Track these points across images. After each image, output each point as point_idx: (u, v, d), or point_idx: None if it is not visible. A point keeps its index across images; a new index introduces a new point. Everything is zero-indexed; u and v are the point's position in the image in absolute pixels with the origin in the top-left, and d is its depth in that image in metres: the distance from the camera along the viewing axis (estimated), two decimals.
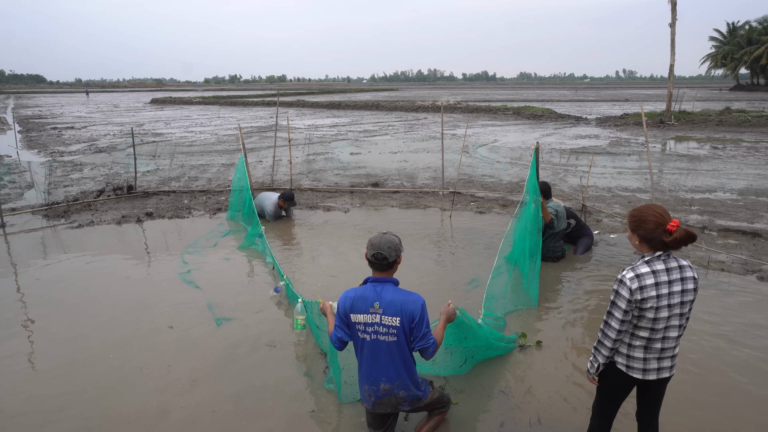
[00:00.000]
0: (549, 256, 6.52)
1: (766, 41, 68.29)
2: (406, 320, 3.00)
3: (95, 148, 18.84)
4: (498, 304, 5.25)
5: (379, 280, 3.10)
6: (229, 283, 6.09)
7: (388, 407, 3.19)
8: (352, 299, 3.08)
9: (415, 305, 3.01)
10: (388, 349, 3.05)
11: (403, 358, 3.09)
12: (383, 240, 3.08)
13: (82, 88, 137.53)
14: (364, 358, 3.14)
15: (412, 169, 13.49)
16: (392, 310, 2.99)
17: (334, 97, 64.68)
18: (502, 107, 36.60)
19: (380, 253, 3.04)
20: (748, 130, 22.76)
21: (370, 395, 3.17)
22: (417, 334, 3.03)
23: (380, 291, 3.05)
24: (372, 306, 3.02)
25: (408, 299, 3.02)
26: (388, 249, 3.05)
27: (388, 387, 3.12)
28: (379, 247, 3.05)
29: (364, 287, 3.11)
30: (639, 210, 2.66)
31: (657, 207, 2.63)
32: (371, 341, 3.06)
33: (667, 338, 2.63)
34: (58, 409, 3.77)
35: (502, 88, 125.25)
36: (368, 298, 3.04)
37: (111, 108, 48.18)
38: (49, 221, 8.74)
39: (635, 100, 51.92)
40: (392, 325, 3.00)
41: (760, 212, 8.85)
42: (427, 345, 3.05)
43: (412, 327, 3.02)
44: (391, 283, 3.10)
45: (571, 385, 4.02)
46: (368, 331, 3.05)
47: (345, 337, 3.16)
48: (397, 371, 3.10)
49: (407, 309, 3.00)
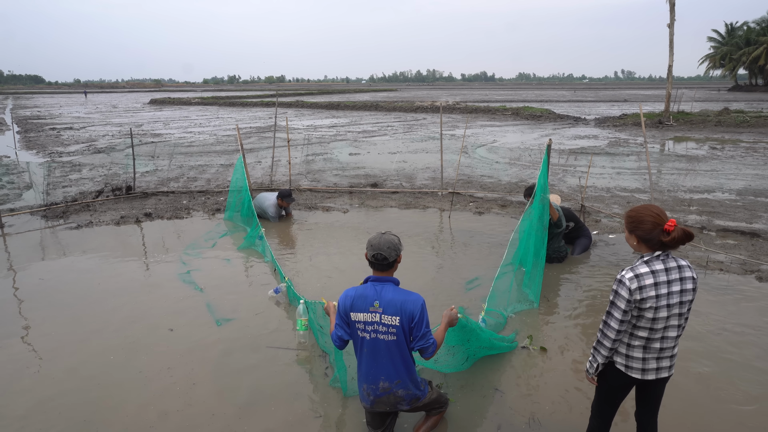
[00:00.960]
0: (554, 256, 6.49)
1: (764, 42, 68.42)
2: (406, 320, 3.02)
3: (94, 148, 18.82)
4: (501, 300, 5.27)
5: (380, 279, 3.12)
6: (228, 283, 6.09)
7: (386, 406, 3.20)
8: (353, 298, 3.10)
9: (414, 305, 3.03)
10: (387, 348, 3.07)
11: (402, 358, 3.10)
12: (383, 240, 3.10)
13: (81, 88, 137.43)
14: (364, 356, 3.15)
15: (411, 170, 13.50)
16: (392, 310, 3.01)
17: (333, 97, 64.65)
18: (501, 108, 36.63)
19: (380, 254, 3.07)
20: (746, 131, 22.80)
21: (368, 394, 3.18)
22: (416, 333, 3.05)
23: (380, 290, 3.07)
24: (372, 305, 3.04)
25: (408, 299, 3.04)
26: (387, 249, 3.08)
27: (387, 385, 3.13)
28: (378, 247, 3.08)
29: (365, 286, 3.13)
30: (636, 211, 2.66)
31: (653, 207, 2.63)
32: (371, 340, 3.08)
33: (666, 338, 2.63)
34: (57, 413, 3.76)
35: (501, 88, 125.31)
36: (368, 297, 3.06)
37: (109, 108, 48.13)
38: (47, 222, 8.73)
39: (634, 100, 51.98)
40: (392, 324, 3.02)
41: (758, 212, 8.86)
42: (426, 345, 3.07)
43: (411, 326, 3.04)
44: (392, 283, 3.12)
45: (569, 385, 4.02)
46: (368, 330, 3.06)
47: (345, 335, 3.18)
48: (396, 370, 3.11)
49: (407, 308, 3.02)
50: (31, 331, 4.98)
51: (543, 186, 5.59)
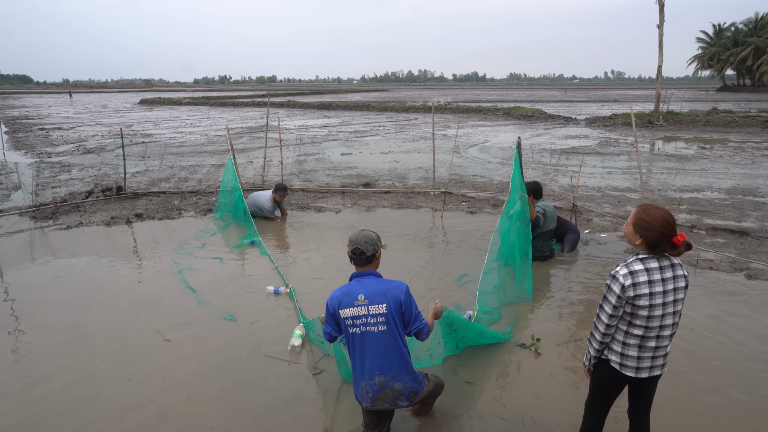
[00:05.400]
0: (537, 255, 6.53)
1: (751, 43, 69.27)
2: (394, 306, 3.11)
3: (83, 149, 18.65)
4: (491, 298, 5.32)
5: (362, 273, 3.24)
6: (221, 283, 6.04)
7: (386, 402, 3.20)
8: (339, 297, 3.19)
9: (399, 290, 3.15)
10: (378, 339, 3.12)
11: (396, 347, 3.15)
12: (360, 236, 3.24)
13: (70, 88, 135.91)
14: (357, 353, 3.19)
15: (403, 170, 13.51)
16: (378, 299, 3.11)
17: (324, 97, 64.58)
18: (492, 108, 36.75)
19: (358, 248, 3.19)
20: (734, 131, 23.05)
21: (367, 392, 3.18)
22: (408, 317, 3.17)
23: (363, 283, 3.18)
24: (357, 299, 3.12)
25: (391, 286, 3.17)
26: (365, 244, 3.20)
27: (383, 379, 3.15)
28: (356, 242, 3.21)
29: (349, 284, 3.25)
30: (649, 215, 2.59)
31: (668, 216, 2.58)
32: (361, 334, 3.13)
33: (661, 336, 2.65)
34: (50, 420, 3.71)
35: (493, 88, 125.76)
36: (352, 292, 3.16)
37: (99, 108, 47.72)
38: (36, 223, 8.64)
39: (624, 100, 52.37)
40: (380, 312, 3.10)
41: (747, 211, 8.96)
42: (420, 326, 3.21)
43: (402, 312, 3.15)
44: (373, 276, 3.24)
45: (564, 383, 4.04)
46: (357, 324, 3.13)
47: (333, 332, 3.29)
48: (389, 361, 3.14)
49: (392, 295, 3.12)
50: (20, 333, 4.91)
51: (520, 184, 5.67)
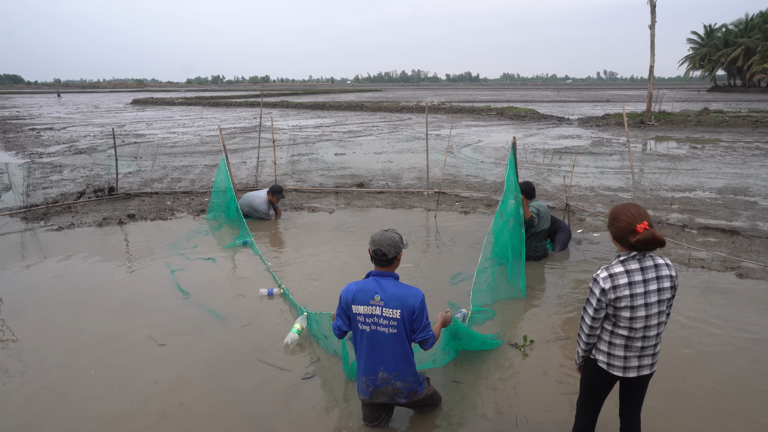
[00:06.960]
0: (531, 255, 6.54)
1: (742, 43, 69.82)
2: (407, 313, 3.13)
3: (75, 149, 18.52)
4: (485, 296, 5.37)
5: (381, 274, 3.25)
6: (215, 284, 6.02)
7: (384, 397, 3.28)
8: (354, 291, 3.21)
9: (415, 299, 3.16)
10: (387, 340, 3.17)
11: (402, 350, 3.21)
12: (384, 237, 3.24)
13: (61, 88, 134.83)
14: (363, 349, 3.24)
15: (396, 170, 13.51)
16: (393, 303, 3.13)
17: (318, 97, 64.48)
18: (485, 108, 36.81)
19: (380, 250, 3.20)
20: (725, 130, 23.23)
21: (367, 386, 3.27)
22: (417, 326, 3.18)
23: (381, 284, 3.19)
24: (372, 298, 3.15)
25: (408, 293, 3.17)
26: (387, 246, 3.20)
27: (386, 376, 3.22)
28: (379, 243, 3.21)
29: (366, 281, 3.26)
30: (616, 208, 2.70)
31: (633, 207, 2.63)
32: (370, 332, 3.18)
33: (647, 337, 2.67)
34: (40, 427, 3.68)
35: (486, 88, 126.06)
36: (369, 290, 3.18)
37: (91, 109, 47.39)
38: (27, 224, 8.57)
39: (616, 100, 52.64)
40: (393, 317, 3.13)
41: (738, 210, 9.03)
42: (426, 337, 3.21)
43: (412, 319, 3.16)
44: (392, 278, 3.25)
45: (557, 382, 4.06)
46: (368, 323, 3.17)
47: (344, 326, 3.31)
48: (395, 362, 3.21)
49: (408, 302, 3.14)
50: (12, 338, 4.86)
51: (514, 184, 5.69)
